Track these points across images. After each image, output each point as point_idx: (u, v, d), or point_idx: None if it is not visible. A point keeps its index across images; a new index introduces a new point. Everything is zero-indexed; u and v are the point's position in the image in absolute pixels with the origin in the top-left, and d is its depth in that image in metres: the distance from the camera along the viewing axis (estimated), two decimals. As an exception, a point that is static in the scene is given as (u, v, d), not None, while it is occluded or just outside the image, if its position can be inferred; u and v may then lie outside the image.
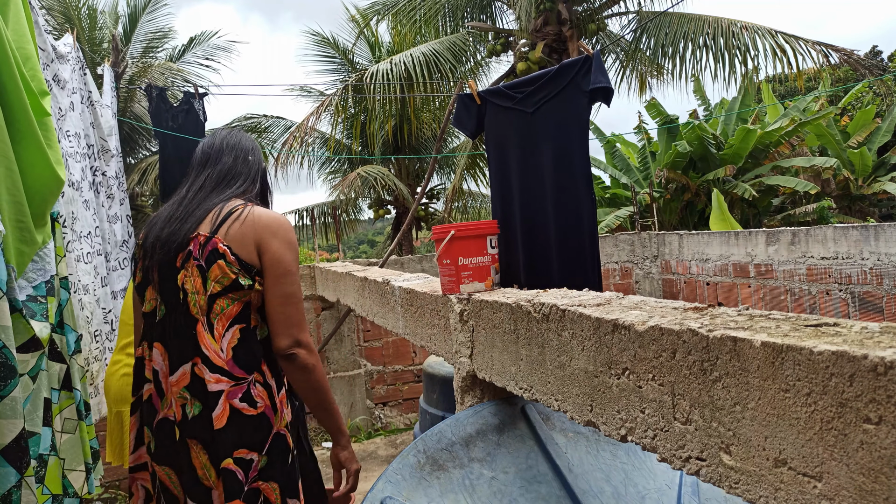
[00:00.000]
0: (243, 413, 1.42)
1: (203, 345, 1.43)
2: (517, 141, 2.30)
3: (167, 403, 1.46)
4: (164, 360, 1.48)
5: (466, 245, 1.75)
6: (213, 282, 1.45)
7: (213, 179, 1.61)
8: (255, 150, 1.74)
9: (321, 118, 8.80)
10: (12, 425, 1.36)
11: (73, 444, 1.75)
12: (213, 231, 1.47)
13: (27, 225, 1.57)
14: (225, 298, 1.46)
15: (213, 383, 1.41)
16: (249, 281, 1.46)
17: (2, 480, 1.33)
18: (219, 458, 1.40)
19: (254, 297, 1.49)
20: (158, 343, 1.50)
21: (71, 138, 2.48)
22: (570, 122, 2.14)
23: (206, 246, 1.46)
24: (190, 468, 1.42)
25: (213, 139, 1.71)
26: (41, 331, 1.56)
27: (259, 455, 1.42)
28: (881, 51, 20.83)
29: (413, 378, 5.33)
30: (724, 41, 7.74)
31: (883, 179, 10.53)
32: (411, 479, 1.43)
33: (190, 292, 1.46)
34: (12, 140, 1.50)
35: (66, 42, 2.63)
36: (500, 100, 2.36)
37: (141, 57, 10.24)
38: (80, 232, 2.47)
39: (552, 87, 2.19)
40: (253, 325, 1.49)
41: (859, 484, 0.68)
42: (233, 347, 1.44)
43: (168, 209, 1.58)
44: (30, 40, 1.71)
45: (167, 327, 1.49)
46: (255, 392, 1.44)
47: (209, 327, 1.44)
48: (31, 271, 1.62)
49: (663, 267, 5.78)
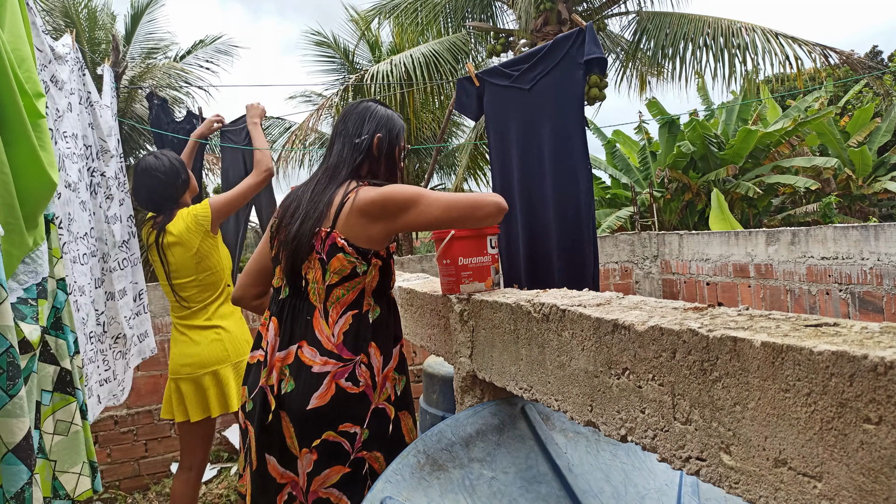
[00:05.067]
0: (347, 391, 1.58)
1: (317, 330, 1.60)
2: (516, 117, 2.32)
3: (268, 373, 1.64)
4: (275, 336, 1.65)
5: (466, 245, 1.75)
6: (332, 273, 1.60)
7: (330, 167, 1.72)
8: (370, 120, 1.75)
9: (321, 118, 8.80)
10: (21, 423, 1.38)
11: (65, 446, 1.74)
12: (333, 225, 1.60)
13: (18, 227, 1.56)
14: (341, 288, 1.61)
15: (319, 365, 1.58)
16: (366, 266, 1.62)
17: (15, 478, 1.36)
18: (313, 434, 1.57)
19: (368, 282, 1.64)
20: (276, 318, 1.67)
21: (68, 139, 2.48)
22: (567, 94, 2.17)
23: (327, 241, 1.60)
24: (279, 436, 1.60)
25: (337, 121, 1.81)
26: (31, 333, 1.56)
27: (361, 428, 1.60)
28: (881, 51, 20.83)
29: (413, 378, 5.32)
30: (724, 41, 7.75)
31: (883, 179, 10.53)
32: (411, 479, 1.43)
33: (311, 281, 1.62)
34: (4, 142, 1.50)
35: (64, 42, 2.62)
36: (497, 79, 2.38)
37: (144, 59, 10.24)
38: (77, 233, 2.47)
39: (548, 62, 2.21)
40: (365, 310, 1.65)
41: (859, 484, 0.68)
42: (344, 332, 1.61)
43: (303, 196, 1.70)
44: (26, 42, 1.70)
45: (286, 307, 1.65)
46: (358, 372, 1.60)
47: (325, 314, 1.61)
48: (22, 273, 1.62)
49: (663, 267, 5.78)
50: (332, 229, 1.60)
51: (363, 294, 1.64)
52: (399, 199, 1.59)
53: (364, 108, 1.78)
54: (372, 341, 1.64)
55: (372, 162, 1.75)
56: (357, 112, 1.78)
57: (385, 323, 1.70)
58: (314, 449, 1.58)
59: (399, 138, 1.81)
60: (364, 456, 1.61)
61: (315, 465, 1.58)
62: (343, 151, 1.73)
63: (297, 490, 1.61)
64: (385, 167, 1.78)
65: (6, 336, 1.36)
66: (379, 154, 1.75)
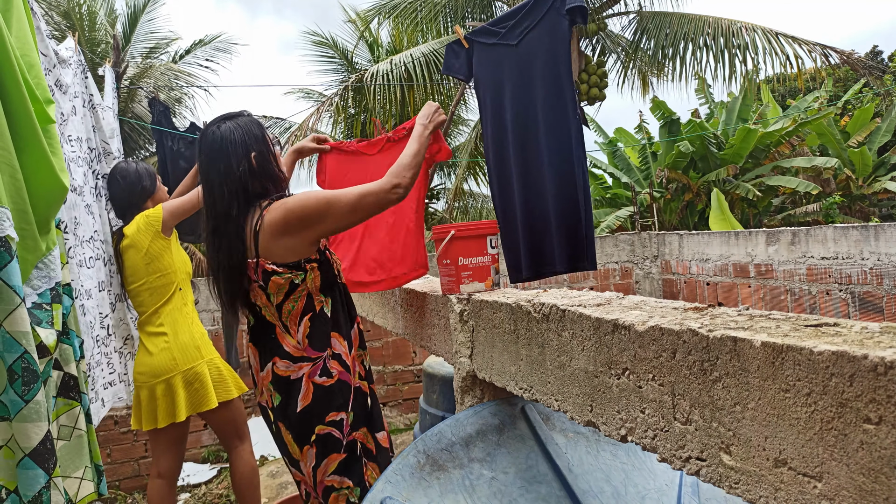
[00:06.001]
0: (323, 385, 1.71)
1: (284, 344, 1.71)
2: (505, 74, 2.33)
3: (259, 392, 1.80)
4: (255, 359, 1.79)
5: (466, 245, 1.75)
6: (274, 295, 1.68)
7: (221, 214, 1.66)
8: (233, 147, 1.67)
9: (321, 118, 8.80)
10: (38, 428, 1.40)
11: (68, 450, 1.74)
12: (257, 254, 1.65)
13: (31, 232, 1.57)
14: (289, 302, 1.69)
15: (295, 372, 1.70)
16: (302, 273, 1.68)
17: (32, 482, 1.38)
18: (307, 433, 1.70)
19: (311, 285, 1.70)
20: (251, 344, 1.81)
21: (73, 143, 2.48)
22: (556, 47, 2.18)
23: (258, 270, 1.66)
24: (283, 443, 1.76)
25: (199, 167, 1.74)
26: (47, 337, 1.57)
27: (346, 412, 1.74)
28: (881, 51, 20.82)
29: (413, 378, 5.32)
30: (725, 41, 7.74)
31: (883, 179, 10.52)
32: (411, 479, 1.43)
33: (262, 306, 1.72)
34: (16, 148, 1.50)
35: (67, 46, 2.62)
36: (485, 37, 2.39)
37: (144, 58, 10.23)
38: (83, 237, 2.47)
39: (534, 16, 2.22)
40: (319, 308, 1.73)
41: (859, 484, 0.68)
42: (307, 336, 1.71)
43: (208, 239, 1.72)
44: (33, 48, 1.70)
45: (255, 333, 1.78)
46: (329, 365, 1.72)
47: (284, 328, 1.71)
48: (36, 279, 1.63)
49: (663, 267, 5.78)
50: (257, 258, 1.65)
51: (311, 297, 1.72)
52: (311, 210, 1.61)
53: (216, 140, 1.68)
54: (332, 332, 1.75)
55: (256, 178, 1.69)
56: (214, 149, 1.68)
57: (339, 310, 1.79)
58: (313, 443, 1.72)
59: (266, 140, 1.75)
60: (355, 437, 1.76)
61: (316, 457, 1.72)
62: (225, 194, 1.65)
63: (308, 486, 1.77)
64: (272, 171, 1.74)
65: (20, 342, 1.37)
66: (261, 167, 1.70)
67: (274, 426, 1.77)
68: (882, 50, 20.87)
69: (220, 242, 1.67)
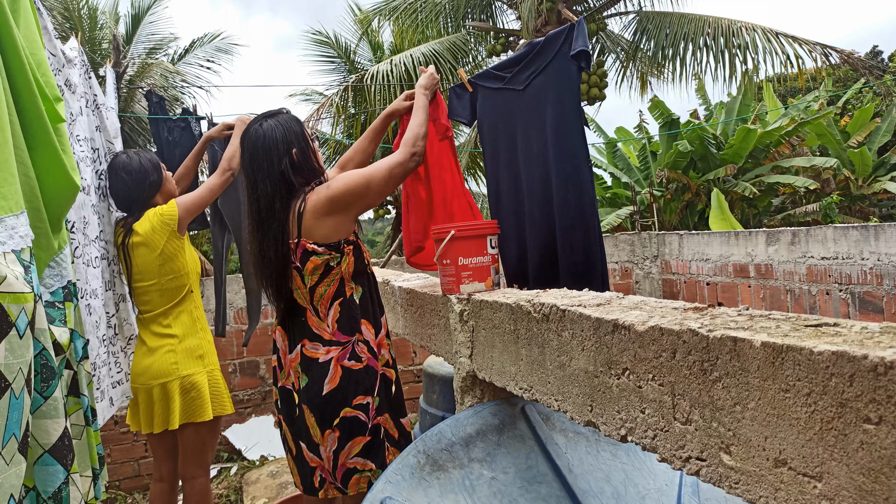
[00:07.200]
0: (352, 369, 1.79)
1: (313, 327, 1.80)
2: (511, 118, 2.30)
3: (286, 374, 1.85)
4: (283, 341, 1.87)
5: (466, 245, 1.75)
6: (309, 276, 1.77)
7: (264, 209, 1.78)
8: (275, 145, 1.79)
9: (322, 118, 8.80)
10: (56, 424, 1.40)
11: (80, 449, 1.75)
12: (299, 234, 1.74)
13: (45, 230, 1.57)
14: (322, 285, 1.78)
15: (324, 355, 1.77)
16: (339, 256, 1.77)
17: (52, 478, 1.39)
18: (332, 416, 1.76)
19: (345, 269, 1.79)
20: (279, 327, 1.88)
21: (81, 143, 2.48)
22: (563, 92, 2.15)
23: (298, 250, 1.75)
24: (304, 427, 1.80)
25: (242, 164, 1.87)
26: (61, 336, 1.58)
27: (373, 397, 1.81)
28: (881, 51, 20.82)
29: (413, 378, 5.32)
30: (725, 41, 7.74)
31: (883, 179, 10.52)
32: (411, 479, 1.43)
33: (294, 289, 1.80)
34: (28, 147, 1.51)
35: (71, 46, 2.62)
36: (489, 82, 2.36)
37: (146, 58, 10.23)
38: (90, 236, 2.47)
39: (541, 61, 2.19)
40: (349, 295, 1.82)
41: (859, 484, 0.68)
42: (337, 321, 1.79)
43: (253, 233, 1.82)
44: (41, 46, 1.70)
45: (285, 315, 1.85)
46: (358, 349, 1.80)
47: (315, 312, 1.80)
48: (49, 277, 1.63)
49: (663, 267, 5.78)
50: (299, 238, 1.75)
51: (343, 282, 1.81)
52: (355, 190, 1.74)
53: (259, 138, 1.79)
54: (362, 319, 1.83)
55: (298, 172, 1.80)
56: (257, 146, 1.79)
57: (370, 298, 1.88)
58: (336, 427, 1.77)
59: (306, 136, 1.86)
60: (379, 421, 1.83)
61: (339, 441, 1.77)
62: (268, 188, 1.77)
63: (325, 472, 1.81)
64: (312, 165, 1.85)
65: (39, 339, 1.37)
66: (302, 161, 1.81)
67: (297, 409, 1.81)
68: (882, 50, 20.87)
69: (266, 235, 1.77)
